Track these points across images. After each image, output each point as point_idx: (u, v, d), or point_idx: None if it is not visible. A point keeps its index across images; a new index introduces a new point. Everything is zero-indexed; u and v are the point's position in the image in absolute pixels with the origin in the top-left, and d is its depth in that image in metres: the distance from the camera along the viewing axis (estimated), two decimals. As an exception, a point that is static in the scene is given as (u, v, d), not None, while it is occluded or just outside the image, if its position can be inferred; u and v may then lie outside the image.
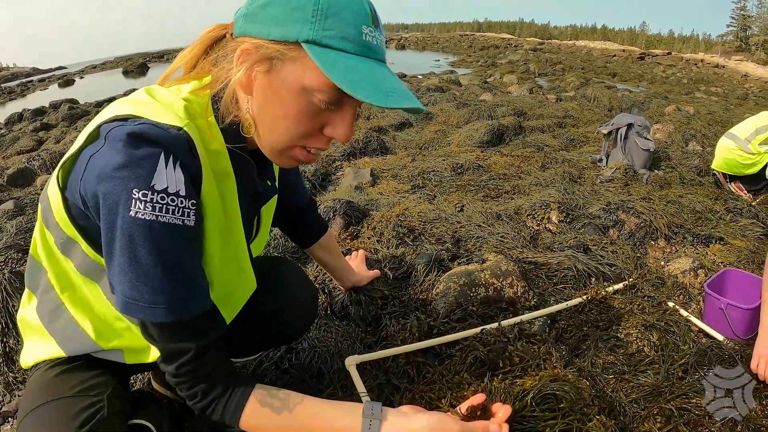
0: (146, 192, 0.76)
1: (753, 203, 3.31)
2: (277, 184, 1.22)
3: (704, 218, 3.06)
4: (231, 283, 1.06)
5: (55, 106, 13.23)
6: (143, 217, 0.77)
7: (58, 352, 1.04)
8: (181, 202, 0.80)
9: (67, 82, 28.52)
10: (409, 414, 0.96)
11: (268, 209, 1.21)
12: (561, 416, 1.26)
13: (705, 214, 3.10)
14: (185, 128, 0.82)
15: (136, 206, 0.76)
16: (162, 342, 0.87)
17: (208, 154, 0.88)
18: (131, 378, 1.60)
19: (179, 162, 0.80)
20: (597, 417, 1.30)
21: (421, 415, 0.96)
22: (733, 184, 3.62)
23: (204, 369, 0.90)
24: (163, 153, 0.78)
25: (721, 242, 2.74)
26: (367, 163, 4.28)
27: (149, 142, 0.78)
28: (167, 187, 0.78)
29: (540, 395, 1.30)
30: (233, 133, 0.92)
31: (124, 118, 0.81)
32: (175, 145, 0.80)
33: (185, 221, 0.82)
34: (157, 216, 0.78)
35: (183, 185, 0.80)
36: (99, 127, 0.82)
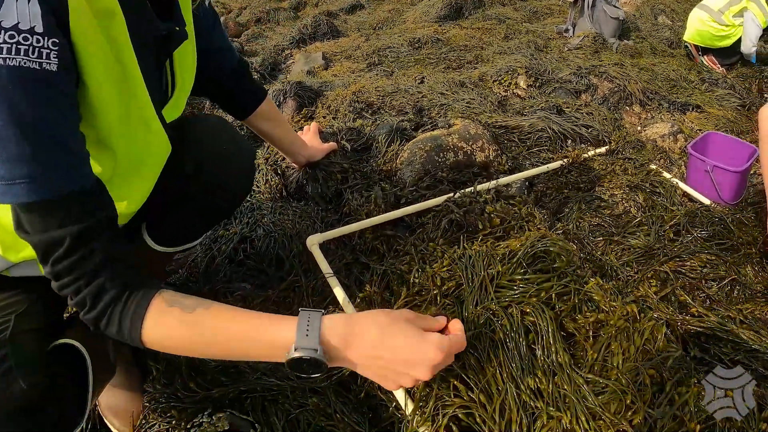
0: None
1: (728, 77, 3.20)
2: (191, 31, 0.98)
3: (679, 86, 2.93)
4: (138, 145, 0.89)
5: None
6: None
7: None
8: (38, 41, 0.64)
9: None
10: None
11: (182, 61, 0.99)
12: (556, 278, 1.08)
13: (680, 83, 2.97)
14: None
15: None
16: (34, 233, 0.70)
17: None
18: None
19: None
20: (593, 279, 1.14)
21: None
22: (705, 57, 3.53)
23: (89, 264, 0.72)
24: None
25: (698, 110, 2.65)
26: (318, 47, 3.99)
27: None
28: (18, 23, 0.63)
29: (529, 255, 1.12)
30: None
31: None
32: None
33: (44, 65, 0.65)
34: (5, 59, 0.62)
35: (40, 20, 0.64)
36: None
